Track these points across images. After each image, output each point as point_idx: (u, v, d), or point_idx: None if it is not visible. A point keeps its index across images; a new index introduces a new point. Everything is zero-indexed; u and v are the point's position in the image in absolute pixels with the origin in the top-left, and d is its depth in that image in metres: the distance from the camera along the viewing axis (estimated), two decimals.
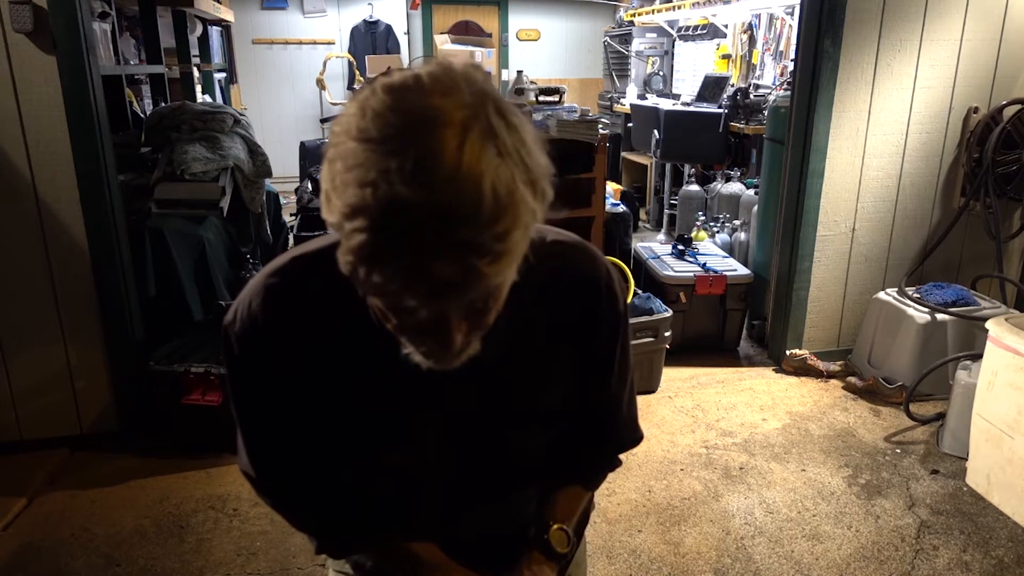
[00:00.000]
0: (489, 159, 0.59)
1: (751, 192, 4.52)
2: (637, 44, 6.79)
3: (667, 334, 3.11)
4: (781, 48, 5.16)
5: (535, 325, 0.85)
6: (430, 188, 0.57)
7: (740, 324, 3.61)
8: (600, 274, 0.90)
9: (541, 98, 3.97)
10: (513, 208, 0.60)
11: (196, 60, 4.90)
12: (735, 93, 4.99)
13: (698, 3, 5.45)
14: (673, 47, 6.52)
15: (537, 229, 0.85)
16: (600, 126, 3.53)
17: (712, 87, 5.29)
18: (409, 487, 0.89)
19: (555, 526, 0.95)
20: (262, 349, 0.82)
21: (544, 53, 8.48)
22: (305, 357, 0.81)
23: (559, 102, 4.03)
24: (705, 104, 5.19)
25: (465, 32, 7.86)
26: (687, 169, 5.49)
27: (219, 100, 5.39)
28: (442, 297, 0.61)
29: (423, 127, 0.58)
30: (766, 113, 3.98)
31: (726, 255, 3.79)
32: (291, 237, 4.19)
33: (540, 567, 0.92)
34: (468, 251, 0.59)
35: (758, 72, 5.44)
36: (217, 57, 5.68)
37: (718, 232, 4.52)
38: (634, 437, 1.04)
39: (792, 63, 3.79)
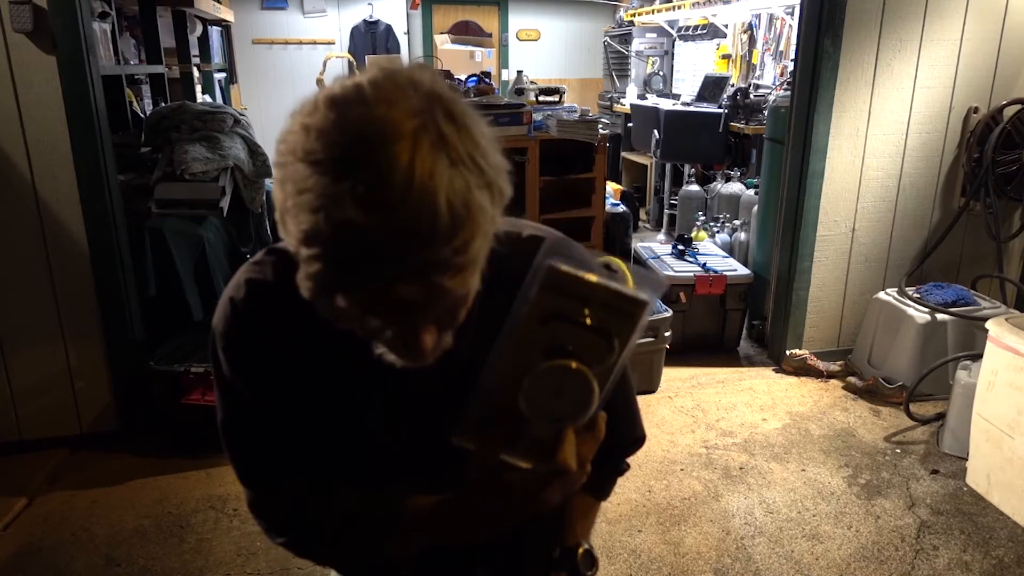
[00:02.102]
0: (442, 171, 0.57)
1: (751, 192, 4.52)
2: (637, 44, 6.79)
3: (667, 334, 3.11)
4: (781, 48, 5.16)
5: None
6: (384, 211, 0.55)
7: (740, 324, 3.61)
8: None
9: (541, 98, 3.97)
10: (471, 219, 0.59)
11: (196, 60, 4.90)
12: (735, 93, 4.99)
13: (698, 3, 5.45)
14: (673, 47, 6.52)
15: (513, 224, 0.85)
16: (600, 126, 3.53)
17: (712, 87, 5.29)
18: (398, 488, 0.88)
19: (581, 549, 0.92)
20: (247, 343, 0.81)
21: (544, 53, 8.48)
22: (288, 351, 0.80)
23: (559, 102, 4.03)
24: (705, 104, 5.19)
25: (465, 32, 7.87)
26: (687, 169, 5.49)
27: (219, 100, 5.38)
28: (407, 316, 0.61)
29: (371, 144, 0.56)
30: (766, 113, 3.98)
31: (726, 255, 3.79)
32: None
33: None
34: (429, 270, 0.58)
35: (758, 72, 5.44)
36: (217, 57, 5.68)
37: (718, 232, 4.52)
38: (636, 437, 1.01)
39: (792, 63, 3.79)
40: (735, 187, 4.82)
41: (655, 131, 5.25)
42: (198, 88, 4.68)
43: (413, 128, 0.57)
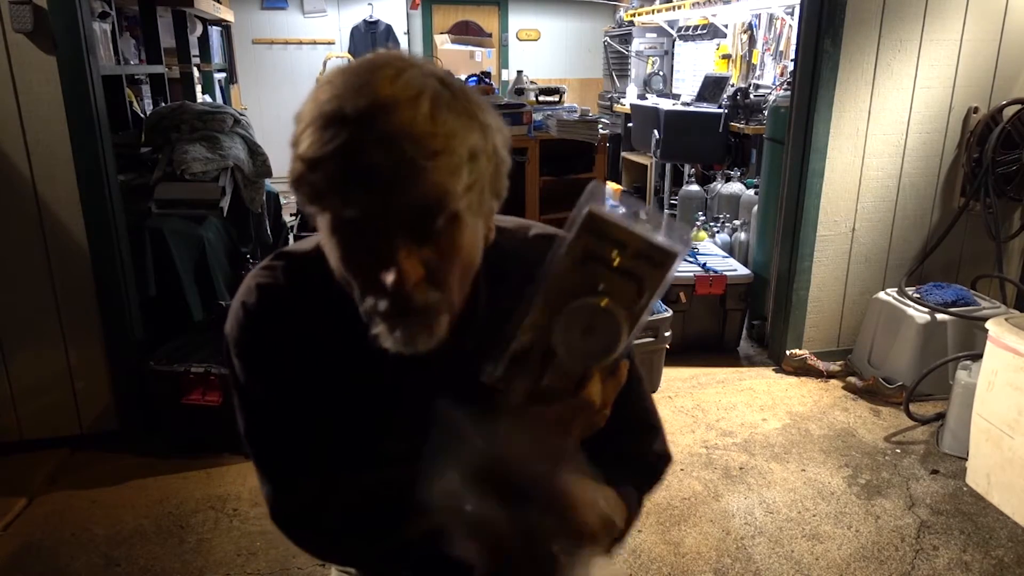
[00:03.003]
0: (429, 84, 0.65)
1: (751, 192, 4.52)
2: (637, 44, 6.78)
3: (667, 334, 3.11)
4: (781, 48, 5.15)
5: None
6: (370, 97, 0.62)
7: (740, 324, 3.61)
8: None
9: (541, 98, 3.98)
10: (454, 116, 0.65)
11: (196, 60, 4.90)
12: (735, 93, 4.99)
13: (698, 3, 5.45)
14: (673, 47, 6.52)
15: (520, 223, 0.88)
16: (600, 126, 3.54)
17: (712, 87, 5.29)
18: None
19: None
20: (261, 347, 0.81)
21: (544, 53, 8.48)
22: (300, 353, 0.81)
23: (559, 102, 4.04)
24: (705, 104, 5.18)
25: (465, 32, 7.87)
26: (687, 169, 5.48)
27: (219, 100, 5.38)
28: (377, 191, 0.63)
29: (369, 75, 0.65)
30: (766, 113, 3.98)
31: (726, 255, 3.79)
32: (291, 237, 4.19)
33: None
34: (401, 140, 0.62)
35: (758, 72, 5.44)
36: (217, 57, 5.67)
37: (718, 232, 4.51)
38: (657, 438, 1.02)
39: (792, 63, 3.79)
40: (735, 187, 4.82)
41: (655, 131, 5.25)
42: (198, 88, 4.68)
43: (414, 66, 0.66)
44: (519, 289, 0.66)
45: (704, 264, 3.56)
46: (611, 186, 4.80)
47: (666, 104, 5.52)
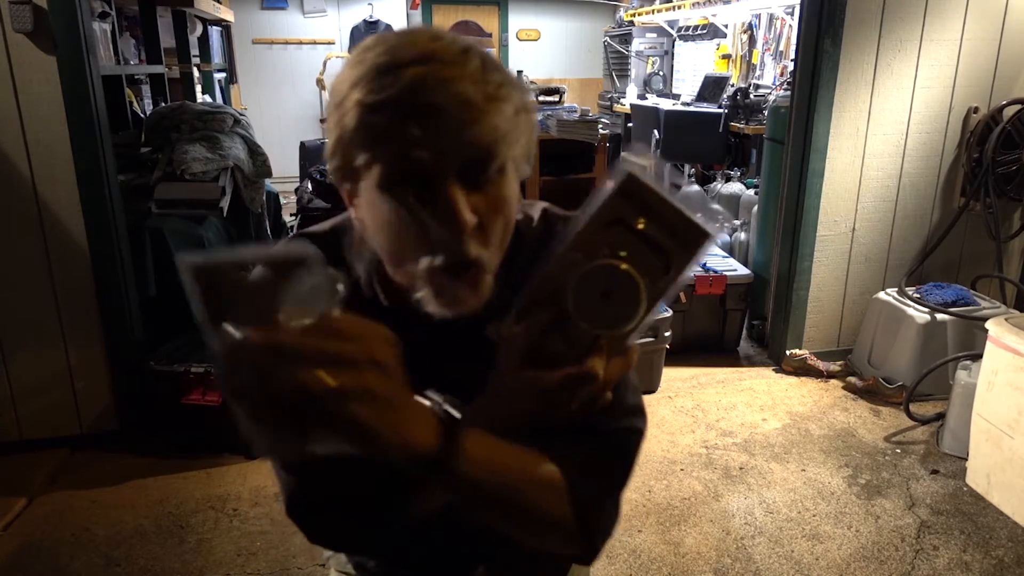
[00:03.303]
0: (473, 45, 0.66)
1: (751, 192, 4.51)
2: (637, 44, 6.78)
3: (667, 334, 3.11)
4: (781, 48, 5.15)
5: None
6: (423, 49, 0.64)
7: (740, 324, 3.61)
8: None
9: (541, 98, 3.98)
10: (500, 74, 0.67)
11: (196, 60, 4.90)
12: (735, 93, 4.99)
13: (698, 3, 5.45)
14: (673, 47, 6.52)
15: (528, 203, 0.88)
16: (600, 126, 3.54)
17: (712, 87, 5.29)
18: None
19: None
20: None
21: (544, 53, 8.47)
22: None
23: (559, 102, 4.04)
24: (705, 104, 5.19)
25: (465, 32, 7.84)
26: (687, 169, 5.48)
27: (219, 100, 5.38)
28: (439, 130, 0.63)
29: (411, 35, 0.66)
30: (766, 113, 3.98)
31: (726, 255, 3.79)
32: None
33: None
34: (461, 83, 0.63)
35: (758, 72, 5.44)
36: (217, 57, 5.67)
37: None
38: (633, 407, 0.89)
39: (792, 63, 3.79)
40: (735, 187, 4.82)
41: (655, 131, 5.25)
42: (198, 88, 4.68)
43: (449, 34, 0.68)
44: (531, 267, 0.65)
45: (704, 264, 3.56)
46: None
47: (666, 104, 5.53)
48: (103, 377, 2.65)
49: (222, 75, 5.86)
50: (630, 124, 6.12)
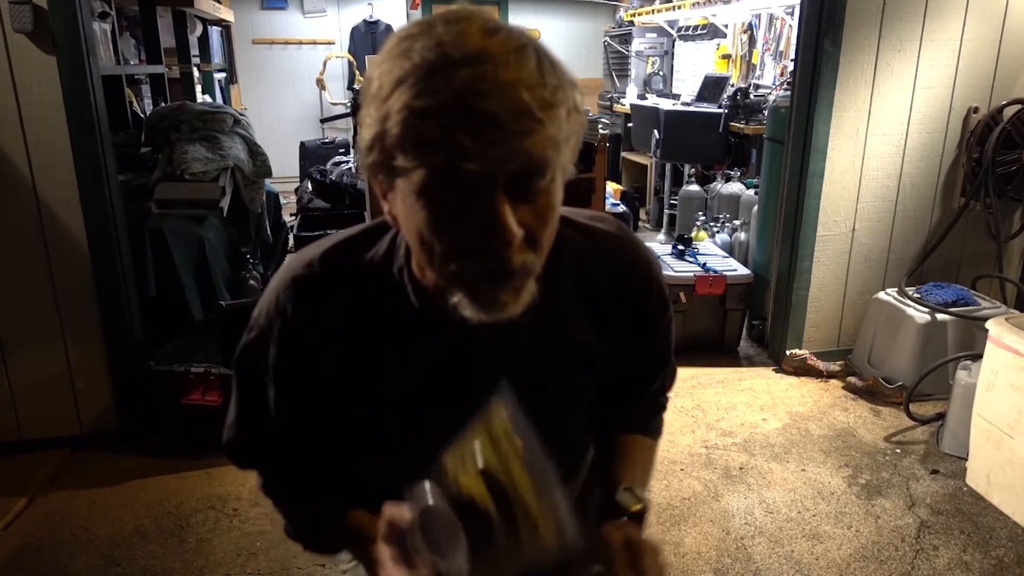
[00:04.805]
0: (528, 38, 0.63)
1: (751, 192, 4.52)
2: (637, 44, 6.78)
3: None
4: (781, 48, 5.15)
5: (570, 314, 0.82)
6: (477, 45, 0.60)
7: (740, 324, 3.61)
8: (651, 267, 0.89)
9: None
10: (556, 72, 0.63)
11: (196, 60, 4.91)
12: (735, 93, 4.99)
13: (698, 3, 5.45)
14: (673, 47, 6.52)
15: (571, 211, 0.86)
16: (600, 126, 3.53)
17: (712, 87, 5.29)
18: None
19: (621, 487, 0.88)
20: (290, 341, 0.81)
21: None
22: (335, 349, 0.80)
23: None
24: (705, 104, 5.19)
25: None
26: (687, 169, 5.48)
27: (219, 100, 5.39)
28: (494, 141, 0.58)
29: (462, 25, 0.62)
30: (766, 113, 3.98)
31: (726, 255, 3.80)
32: (291, 237, 4.19)
33: (621, 529, 0.82)
34: (520, 88, 0.59)
35: (758, 72, 5.44)
36: (217, 57, 5.68)
37: (718, 232, 4.51)
38: (672, 371, 1.04)
39: (792, 63, 3.79)
40: (735, 187, 4.82)
41: (655, 131, 5.25)
42: (198, 88, 4.69)
43: (499, 21, 0.65)
44: (571, 273, 0.67)
45: (704, 264, 3.56)
46: (611, 186, 4.79)
47: (666, 104, 5.52)
48: (103, 377, 2.65)
49: (222, 75, 5.86)
50: (630, 124, 6.12)
